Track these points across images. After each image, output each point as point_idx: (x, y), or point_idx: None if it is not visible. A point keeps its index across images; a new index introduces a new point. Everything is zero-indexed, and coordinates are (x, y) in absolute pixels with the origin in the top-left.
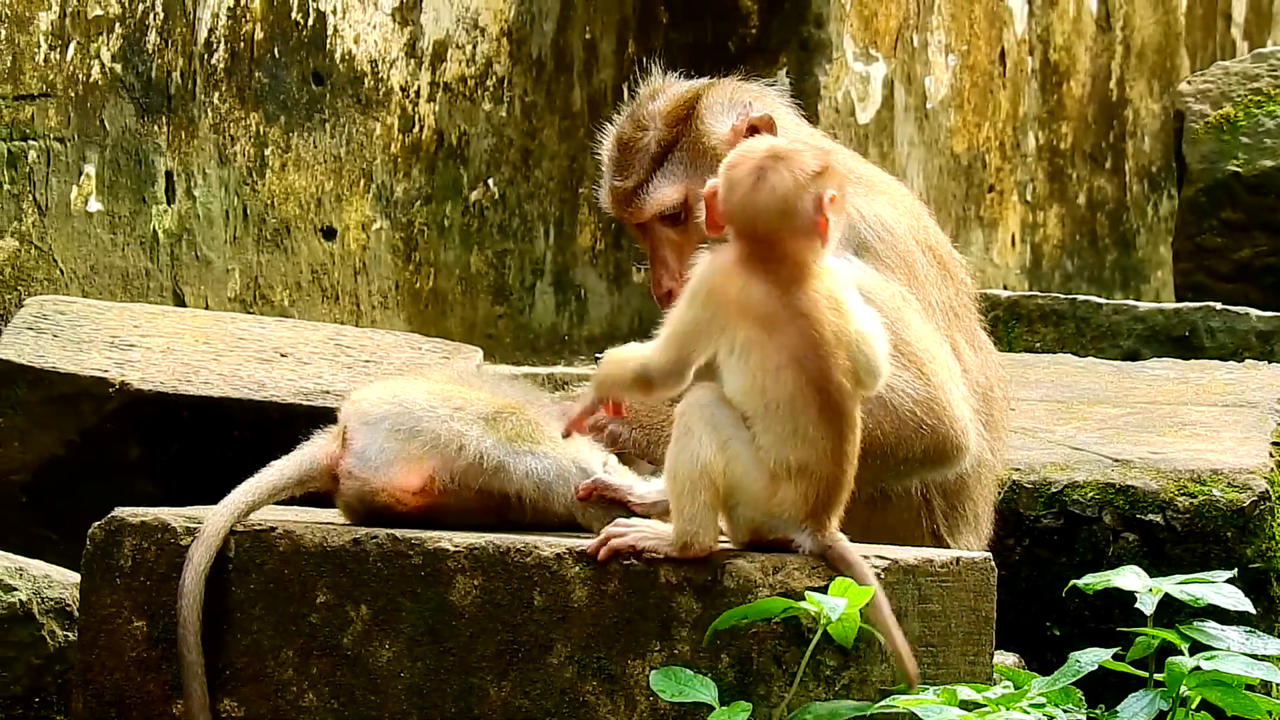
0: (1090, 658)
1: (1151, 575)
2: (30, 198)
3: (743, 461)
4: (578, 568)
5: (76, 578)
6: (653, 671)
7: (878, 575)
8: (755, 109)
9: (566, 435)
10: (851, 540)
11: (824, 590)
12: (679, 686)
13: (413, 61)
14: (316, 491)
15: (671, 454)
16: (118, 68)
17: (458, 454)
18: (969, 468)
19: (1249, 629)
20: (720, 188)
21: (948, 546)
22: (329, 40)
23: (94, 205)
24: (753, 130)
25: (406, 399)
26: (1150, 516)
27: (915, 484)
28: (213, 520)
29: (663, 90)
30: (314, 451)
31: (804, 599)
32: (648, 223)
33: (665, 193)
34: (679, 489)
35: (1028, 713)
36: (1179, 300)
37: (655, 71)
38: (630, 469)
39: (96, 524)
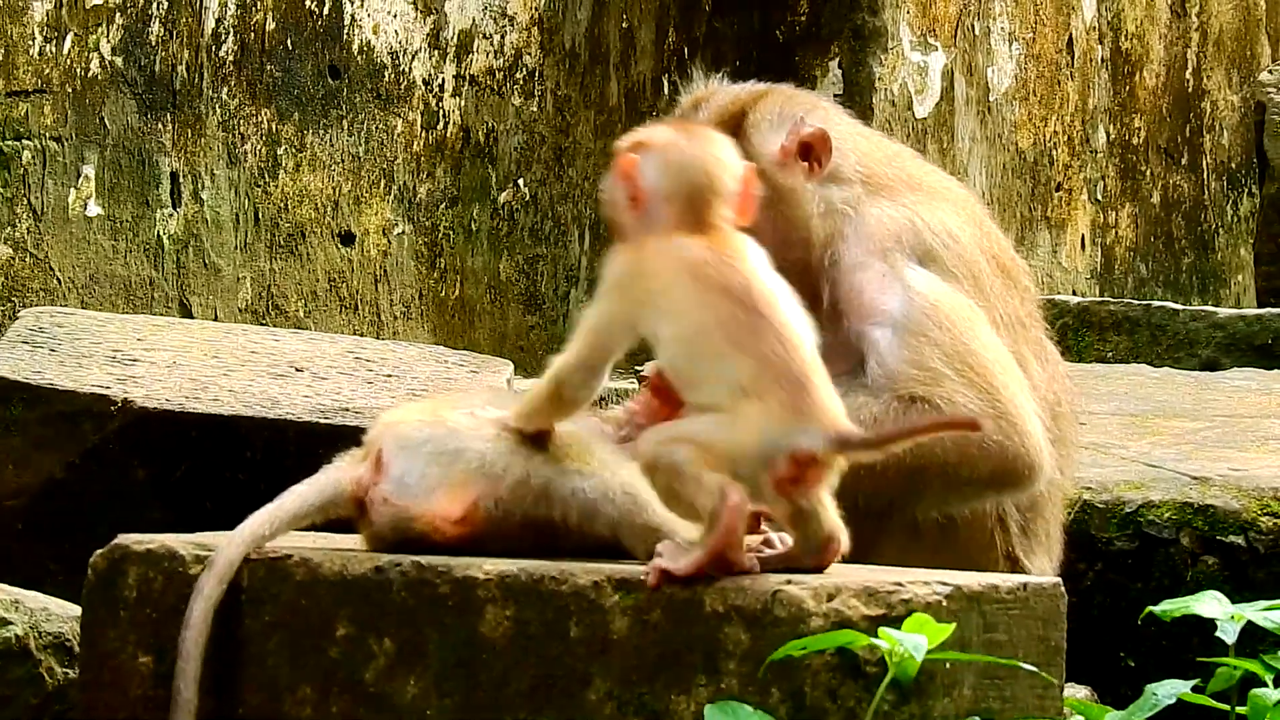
0: (1168, 690)
1: (1233, 601)
2: (25, 201)
3: (709, 427)
4: (617, 596)
5: (77, 610)
6: (707, 706)
7: (939, 602)
8: (806, 124)
9: None
10: (923, 564)
11: (881, 621)
12: None
13: (436, 53)
14: (337, 519)
15: (662, 486)
16: (118, 61)
17: (504, 474)
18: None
19: None
20: (645, 160)
21: (1023, 568)
22: (346, 31)
23: (93, 209)
24: (805, 148)
25: (449, 420)
26: (1231, 538)
27: (990, 505)
28: (226, 549)
29: (707, 99)
30: (338, 476)
31: (859, 626)
32: None
33: None
34: (682, 490)
35: None
36: (1261, 306)
37: (698, 74)
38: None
39: (99, 552)
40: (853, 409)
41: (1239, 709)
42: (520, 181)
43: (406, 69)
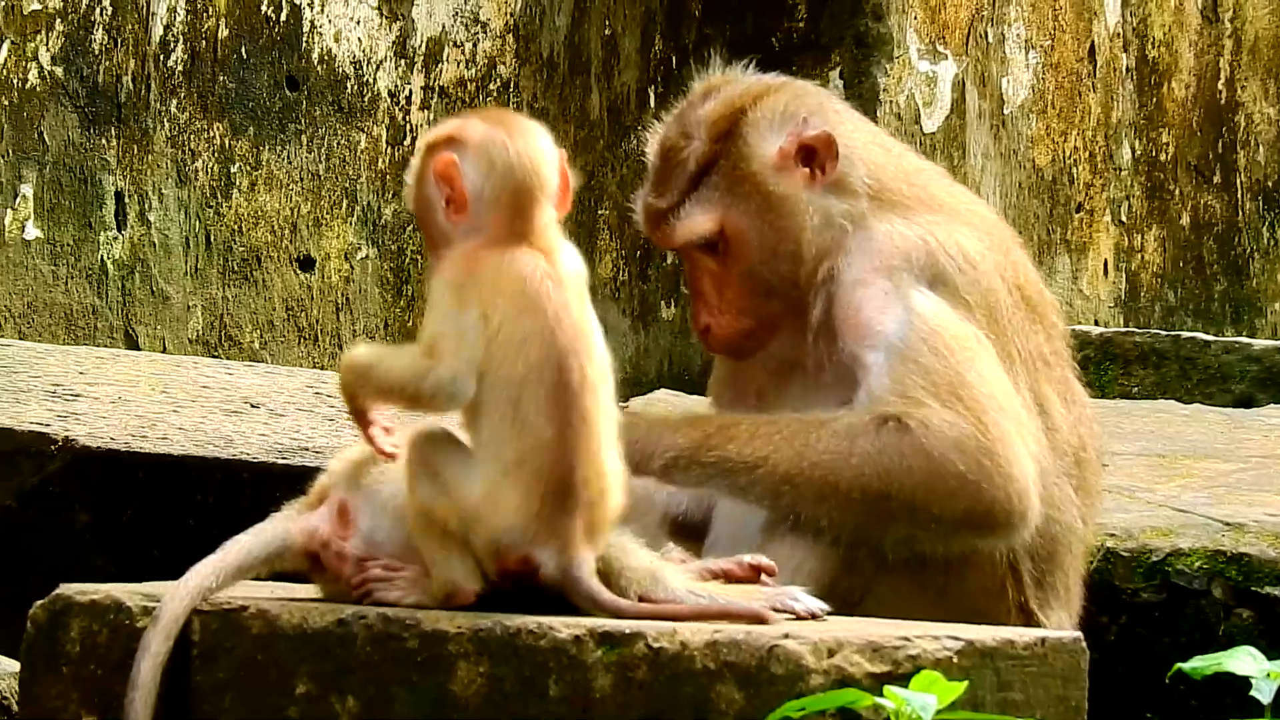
0: None
1: (1269, 657)
2: None
3: (460, 479)
4: (600, 651)
5: (15, 666)
6: None
7: (950, 658)
8: (810, 126)
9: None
10: (927, 614)
11: (886, 678)
12: None
13: (403, 62)
14: (286, 572)
15: (409, 500)
16: (59, 71)
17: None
18: (1058, 534)
19: None
20: (465, 160)
21: (1038, 623)
22: (305, 39)
23: (31, 232)
24: (807, 153)
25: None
26: (1267, 589)
27: (999, 551)
28: (171, 603)
29: (719, 89)
30: (286, 527)
31: (862, 684)
32: (683, 249)
33: (698, 220)
34: (420, 535)
35: None
36: None
37: (715, 59)
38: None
39: (39, 603)
40: (828, 418)
41: None
42: None
43: (370, 80)
